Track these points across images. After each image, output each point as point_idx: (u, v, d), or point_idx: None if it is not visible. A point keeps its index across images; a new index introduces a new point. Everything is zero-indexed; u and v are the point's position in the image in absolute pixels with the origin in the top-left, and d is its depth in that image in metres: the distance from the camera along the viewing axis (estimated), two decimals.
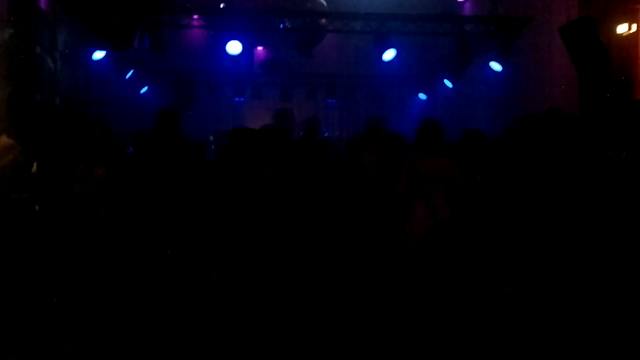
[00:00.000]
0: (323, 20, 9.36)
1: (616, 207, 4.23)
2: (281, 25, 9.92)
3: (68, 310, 3.86)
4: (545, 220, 4.31)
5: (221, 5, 10.82)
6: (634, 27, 6.63)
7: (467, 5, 11.02)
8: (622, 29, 6.77)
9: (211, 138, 10.52)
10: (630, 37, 6.69)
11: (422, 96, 13.53)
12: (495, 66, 9.33)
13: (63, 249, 4.24)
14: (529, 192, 4.38)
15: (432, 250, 4.25)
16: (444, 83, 11.39)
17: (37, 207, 4.29)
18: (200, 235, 4.34)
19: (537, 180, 4.39)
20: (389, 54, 9.47)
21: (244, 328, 4.00)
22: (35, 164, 4.46)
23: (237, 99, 12.98)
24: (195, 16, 9.82)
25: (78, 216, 4.41)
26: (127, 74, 10.63)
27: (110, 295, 4.08)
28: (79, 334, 3.64)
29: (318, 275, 4.51)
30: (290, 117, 5.25)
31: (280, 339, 3.94)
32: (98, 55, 8.72)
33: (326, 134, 7.43)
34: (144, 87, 12.12)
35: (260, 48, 13.22)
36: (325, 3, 11.47)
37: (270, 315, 4.14)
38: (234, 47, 9.42)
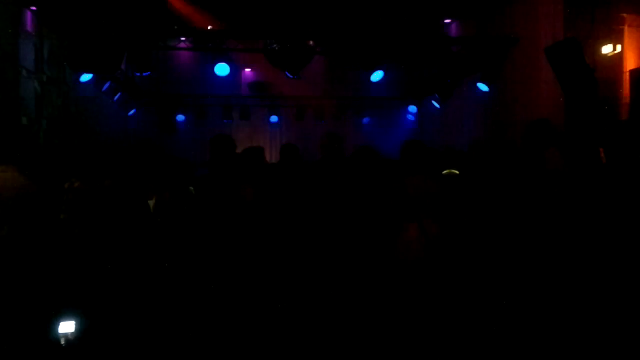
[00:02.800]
0: (311, 42, 9.39)
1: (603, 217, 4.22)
2: (269, 47, 9.94)
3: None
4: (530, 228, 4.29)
5: (209, 27, 10.84)
6: (619, 47, 6.71)
7: (454, 26, 11.12)
8: (607, 49, 6.85)
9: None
10: (614, 58, 6.77)
11: (410, 114, 13.67)
12: (483, 86, 9.40)
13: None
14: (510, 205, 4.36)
15: (429, 270, 4.17)
16: (431, 103, 11.46)
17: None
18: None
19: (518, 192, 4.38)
20: (376, 76, 9.56)
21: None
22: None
23: (225, 121, 13.01)
24: (183, 38, 9.82)
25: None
26: (114, 97, 10.60)
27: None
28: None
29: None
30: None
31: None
32: (85, 77, 8.68)
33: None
34: (132, 109, 12.08)
35: (248, 70, 13.26)
36: None
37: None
38: (221, 69, 9.47)
